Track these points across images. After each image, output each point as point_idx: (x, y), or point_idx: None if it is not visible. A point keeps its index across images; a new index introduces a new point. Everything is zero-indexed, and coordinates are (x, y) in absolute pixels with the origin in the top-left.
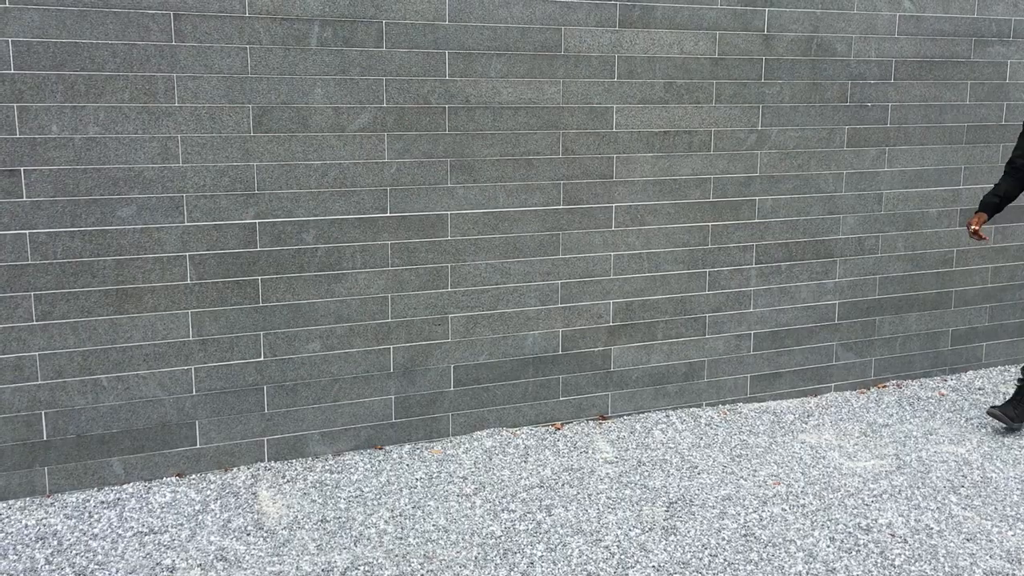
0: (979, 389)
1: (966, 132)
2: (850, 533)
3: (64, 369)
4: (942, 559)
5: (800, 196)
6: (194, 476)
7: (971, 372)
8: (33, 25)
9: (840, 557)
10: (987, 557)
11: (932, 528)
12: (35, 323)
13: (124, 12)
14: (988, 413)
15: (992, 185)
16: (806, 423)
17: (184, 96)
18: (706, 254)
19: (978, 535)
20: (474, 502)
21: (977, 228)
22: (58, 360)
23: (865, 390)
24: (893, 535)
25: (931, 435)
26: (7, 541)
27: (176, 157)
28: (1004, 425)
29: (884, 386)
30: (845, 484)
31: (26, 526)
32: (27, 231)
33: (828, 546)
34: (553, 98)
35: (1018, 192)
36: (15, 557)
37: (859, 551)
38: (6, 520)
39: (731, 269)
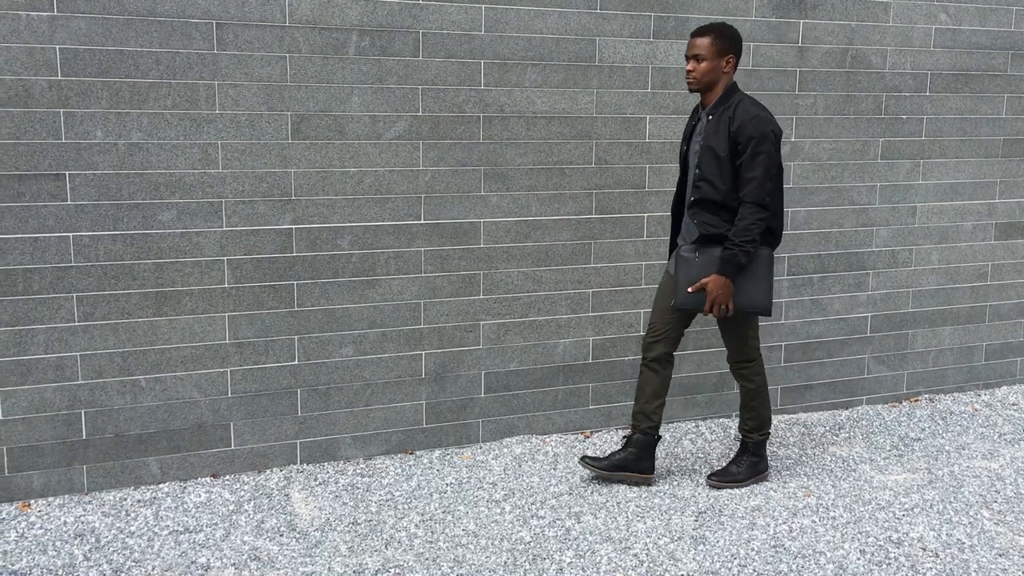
0: (1013, 404)
1: (1002, 145)
2: (881, 546)
3: (104, 369)
4: (974, 574)
5: (833, 208)
6: (228, 477)
7: (1005, 387)
8: (80, 33)
9: (870, 570)
10: (1020, 573)
11: (964, 543)
12: (77, 324)
13: (168, 21)
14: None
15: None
16: (837, 436)
17: (225, 103)
18: None
19: (1011, 550)
20: (504, 508)
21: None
22: (98, 360)
23: (897, 404)
24: (924, 549)
25: (964, 450)
26: (47, 537)
27: (216, 163)
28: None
29: (917, 400)
30: (876, 497)
31: (65, 523)
32: (71, 234)
33: (858, 559)
34: (587, 108)
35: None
36: (54, 553)
37: (890, 564)
38: (46, 517)
39: None
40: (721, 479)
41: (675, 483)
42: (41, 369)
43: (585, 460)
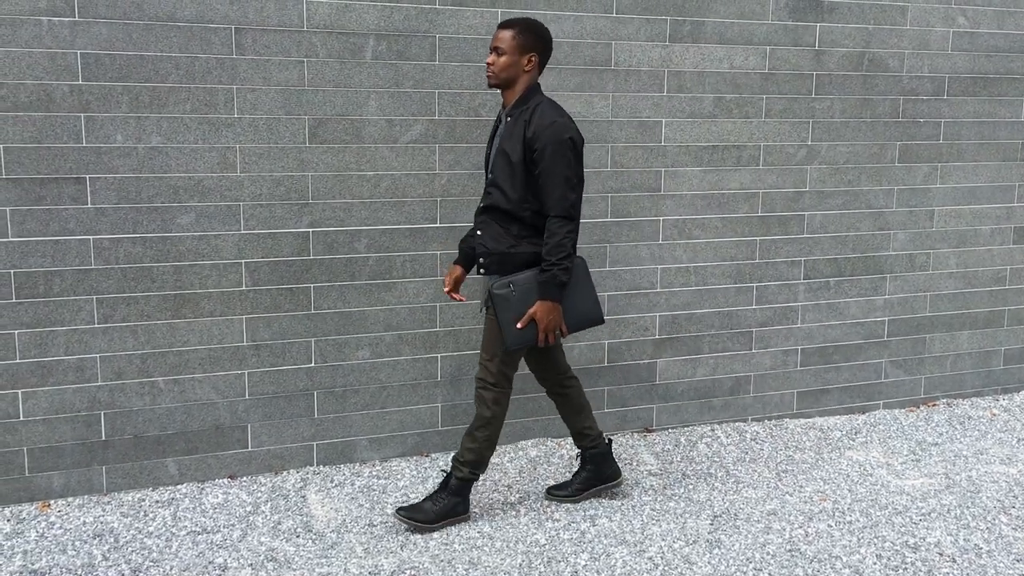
0: None
1: (1020, 149)
2: (897, 551)
3: (123, 371)
4: None
5: (850, 212)
6: (245, 478)
7: None
8: (101, 38)
9: (887, 575)
10: None
11: (981, 548)
12: (97, 326)
13: (188, 26)
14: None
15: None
16: (853, 440)
17: (243, 107)
18: (754, 269)
19: None
20: (519, 510)
21: (449, 289)
22: (118, 362)
23: (914, 408)
24: (941, 554)
25: (982, 455)
26: (66, 537)
27: (234, 167)
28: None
29: (934, 405)
30: (893, 502)
31: (84, 523)
32: (91, 237)
33: (875, 563)
34: (602, 112)
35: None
36: (74, 553)
37: (906, 569)
38: (65, 517)
39: (779, 284)
40: (409, 515)
41: (690, 487)
42: (61, 370)
43: (551, 493)
